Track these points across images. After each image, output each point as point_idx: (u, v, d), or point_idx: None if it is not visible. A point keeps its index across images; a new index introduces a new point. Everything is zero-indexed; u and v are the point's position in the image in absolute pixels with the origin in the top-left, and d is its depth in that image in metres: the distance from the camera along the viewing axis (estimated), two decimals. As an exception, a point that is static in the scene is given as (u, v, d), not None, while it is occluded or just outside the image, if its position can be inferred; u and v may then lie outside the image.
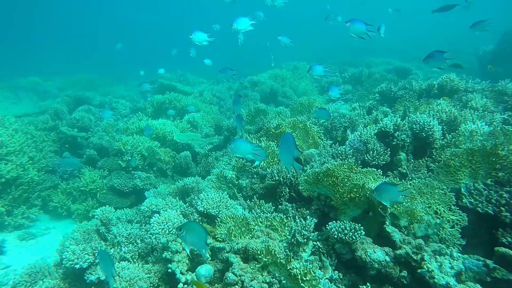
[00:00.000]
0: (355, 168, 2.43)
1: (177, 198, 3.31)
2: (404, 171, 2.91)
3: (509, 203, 2.33)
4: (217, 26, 6.39)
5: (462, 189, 2.52)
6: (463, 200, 2.44)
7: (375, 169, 2.38)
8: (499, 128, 2.60)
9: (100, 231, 2.90)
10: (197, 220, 2.61)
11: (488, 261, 2.08)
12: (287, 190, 3.06)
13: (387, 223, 2.21)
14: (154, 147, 4.95)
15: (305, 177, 2.55)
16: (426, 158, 3.05)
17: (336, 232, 2.11)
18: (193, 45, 3.60)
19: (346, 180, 2.35)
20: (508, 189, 2.41)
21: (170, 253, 2.26)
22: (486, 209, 2.34)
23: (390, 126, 3.02)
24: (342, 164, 2.46)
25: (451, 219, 2.25)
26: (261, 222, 2.28)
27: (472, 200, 2.45)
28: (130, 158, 4.88)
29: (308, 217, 2.18)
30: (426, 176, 2.73)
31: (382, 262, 2.01)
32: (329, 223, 2.21)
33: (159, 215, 2.47)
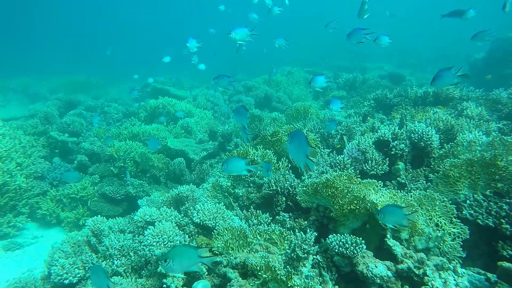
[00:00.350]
0: (355, 179, 2.38)
1: (171, 208, 3.23)
2: (403, 181, 2.88)
3: (509, 215, 2.31)
4: (212, 30, 6.35)
5: (466, 201, 2.50)
6: (463, 212, 2.42)
7: (376, 181, 2.34)
8: (498, 138, 2.59)
9: (91, 242, 2.80)
10: (192, 232, 2.53)
11: (489, 275, 2.05)
12: (284, 199, 3.00)
13: (388, 236, 2.17)
14: (148, 153, 4.84)
15: (304, 188, 2.50)
16: (424, 168, 3.03)
17: (336, 246, 2.05)
18: (189, 51, 3.53)
19: (345, 191, 2.30)
20: (508, 200, 2.39)
21: (164, 267, 2.17)
22: (487, 221, 2.31)
23: (388, 135, 2.99)
24: (341, 175, 2.42)
25: (452, 232, 2.22)
26: (259, 235, 2.21)
27: (472, 212, 2.42)
28: (122, 164, 4.76)
29: (308, 230, 2.12)
30: (425, 186, 2.70)
31: (384, 277, 1.96)
32: (329, 236, 2.16)
33: (154, 228, 2.38)
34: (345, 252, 2.03)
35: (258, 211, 2.86)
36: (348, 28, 3.08)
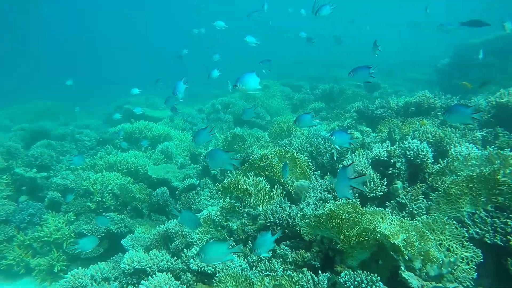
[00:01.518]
0: (360, 208, 2.26)
1: (161, 247, 2.97)
2: (402, 201, 2.80)
3: (514, 231, 2.28)
4: (185, 51, 6.19)
5: (465, 219, 2.45)
6: (470, 231, 2.36)
7: (382, 209, 2.23)
8: (494, 152, 2.59)
9: (73, 301, 2.48)
10: (190, 282, 2.29)
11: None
12: (279, 228, 2.84)
13: (402, 268, 2.05)
14: (127, 184, 4.51)
15: (307, 221, 2.34)
16: (420, 184, 2.99)
17: (352, 287, 1.90)
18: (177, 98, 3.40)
19: (351, 222, 2.18)
20: (510, 215, 2.37)
21: (163, 328, 1.93)
22: (495, 240, 2.26)
23: (384, 155, 2.92)
24: (345, 204, 2.29)
25: (465, 256, 2.14)
26: (267, 281, 2.02)
27: (478, 230, 2.37)
28: (100, 199, 4.39)
29: (319, 272, 1.96)
30: (427, 206, 2.64)
31: (406, 317, 1.83)
32: (342, 274, 2.01)
33: (148, 283, 2.12)
34: (361, 292, 1.88)
35: (256, 245, 2.67)
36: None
